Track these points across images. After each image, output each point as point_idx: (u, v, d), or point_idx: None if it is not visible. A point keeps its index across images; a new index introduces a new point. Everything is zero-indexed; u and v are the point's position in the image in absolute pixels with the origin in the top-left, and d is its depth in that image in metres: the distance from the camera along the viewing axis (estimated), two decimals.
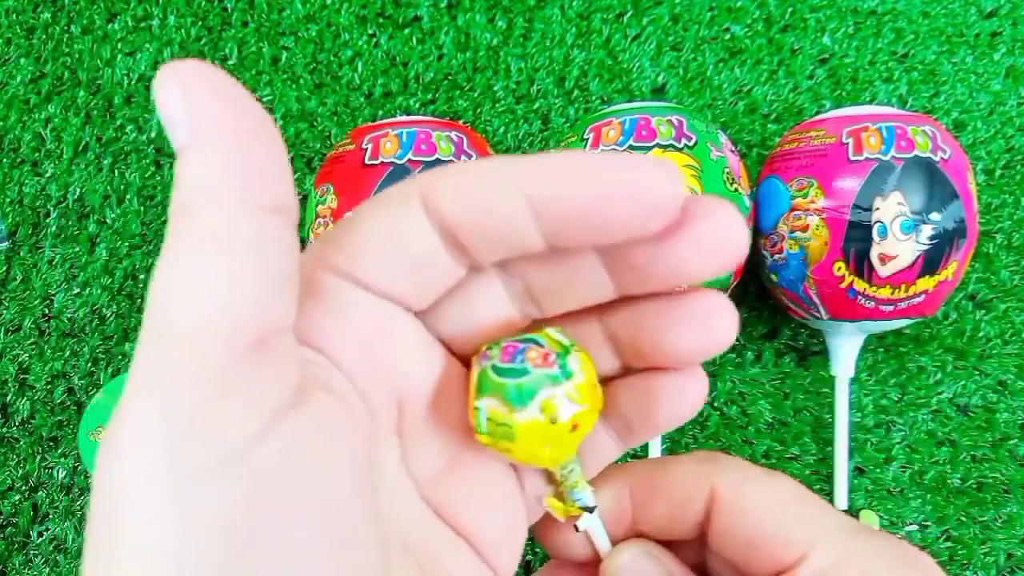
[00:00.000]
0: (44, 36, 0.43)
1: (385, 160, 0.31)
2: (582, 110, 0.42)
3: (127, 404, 0.12)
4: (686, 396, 0.19)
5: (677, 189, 0.14)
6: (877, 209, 0.30)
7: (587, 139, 0.32)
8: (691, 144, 0.31)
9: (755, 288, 0.38)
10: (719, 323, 0.17)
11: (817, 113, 0.37)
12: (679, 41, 0.42)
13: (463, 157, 0.32)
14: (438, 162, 0.31)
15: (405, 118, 0.33)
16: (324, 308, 0.16)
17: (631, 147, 0.31)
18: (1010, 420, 0.37)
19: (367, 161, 0.31)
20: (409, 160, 0.31)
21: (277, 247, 0.13)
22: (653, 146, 0.31)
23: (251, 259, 0.13)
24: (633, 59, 0.42)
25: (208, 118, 0.12)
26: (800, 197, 0.32)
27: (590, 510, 0.19)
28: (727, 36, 0.42)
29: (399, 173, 0.31)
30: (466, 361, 0.19)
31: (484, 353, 0.17)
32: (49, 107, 0.42)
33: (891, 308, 0.32)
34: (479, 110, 0.42)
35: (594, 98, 0.42)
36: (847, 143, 0.31)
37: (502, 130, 0.41)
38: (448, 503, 0.18)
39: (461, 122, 0.41)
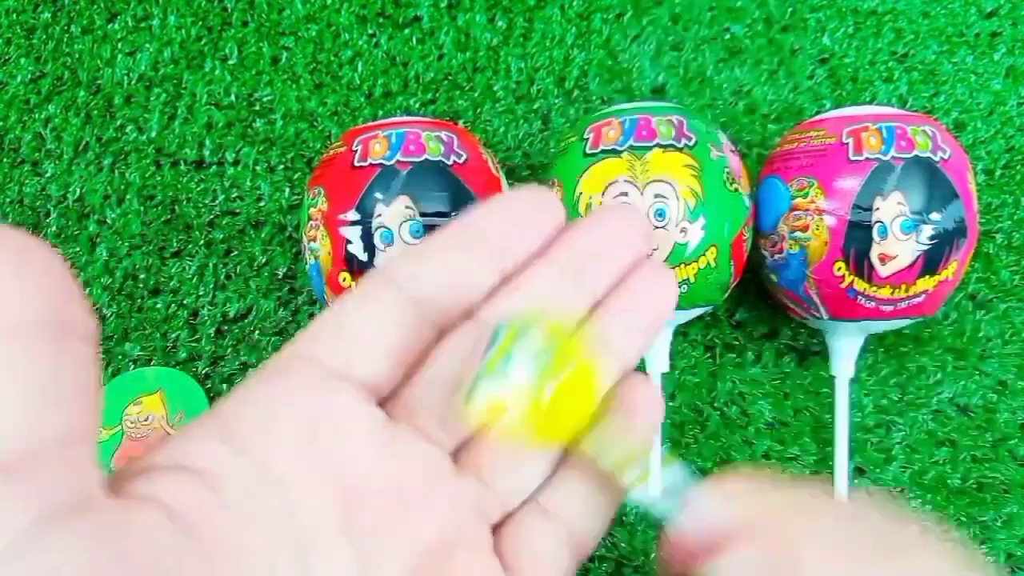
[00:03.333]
0: (44, 36, 0.43)
1: (374, 162, 0.31)
2: (582, 110, 0.42)
3: None
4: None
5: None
6: (877, 209, 0.30)
7: (587, 139, 0.32)
8: (691, 144, 0.31)
9: (755, 288, 0.38)
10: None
11: (817, 113, 0.37)
12: (679, 41, 0.42)
13: (452, 157, 0.32)
14: (427, 162, 0.31)
15: (396, 119, 0.33)
16: (260, 404, 0.17)
17: (631, 147, 0.31)
18: (1010, 420, 0.37)
19: (356, 163, 0.31)
20: (397, 161, 0.31)
21: (27, 370, 0.13)
22: (653, 146, 0.31)
23: None
24: (633, 59, 0.42)
25: None
26: (800, 197, 0.32)
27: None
28: (727, 36, 0.42)
29: (387, 174, 0.31)
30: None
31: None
32: (49, 107, 0.42)
33: (891, 308, 0.32)
34: (479, 110, 0.42)
35: (594, 98, 0.42)
36: (847, 143, 0.31)
37: (502, 130, 0.41)
38: None
39: (461, 122, 0.41)
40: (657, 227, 0.30)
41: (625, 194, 0.31)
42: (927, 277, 0.31)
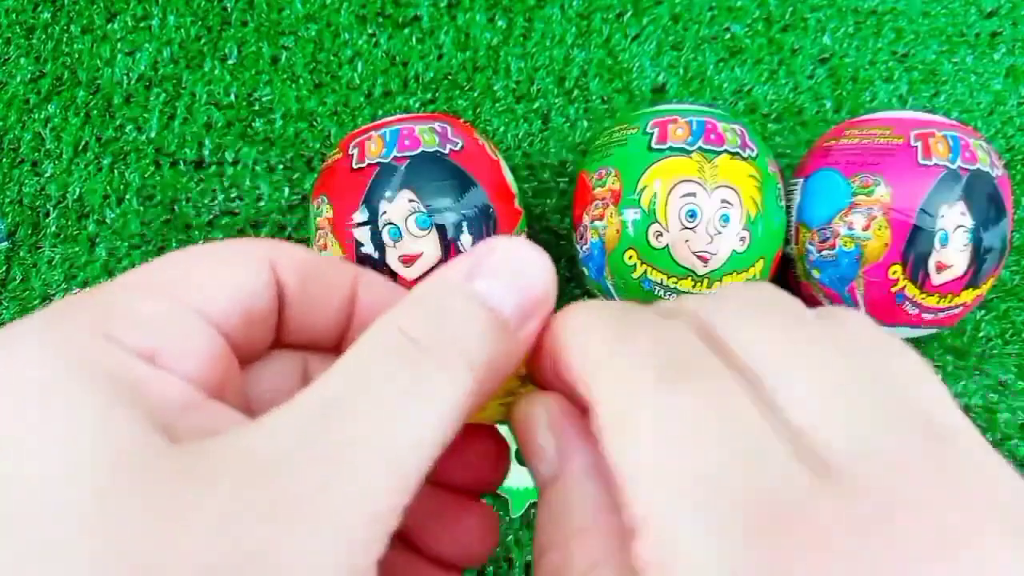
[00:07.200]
0: (44, 36, 0.43)
1: (371, 161, 0.30)
2: (582, 110, 0.41)
3: None
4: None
5: None
6: (942, 216, 0.28)
7: (651, 133, 0.30)
8: (754, 155, 0.29)
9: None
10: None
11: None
12: (679, 41, 0.42)
13: (448, 145, 0.30)
14: (424, 154, 0.30)
15: (388, 119, 0.32)
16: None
17: (701, 148, 0.29)
18: (1010, 420, 0.36)
19: (355, 165, 0.30)
20: (394, 157, 0.29)
21: None
22: (722, 151, 0.29)
23: None
24: (633, 59, 0.42)
25: None
26: (863, 195, 0.30)
27: None
28: (727, 36, 0.42)
29: (387, 171, 0.29)
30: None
31: None
32: (49, 107, 0.42)
33: (931, 317, 0.30)
34: (479, 110, 0.41)
35: (594, 98, 0.41)
36: (916, 146, 0.29)
37: (502, 130, 0.41)
38: None
39: (461, 121, 0.41)
40: (720, 231, 0.30)
41: (692, 194, 0.29)
42: (970, 290, 0.29)
